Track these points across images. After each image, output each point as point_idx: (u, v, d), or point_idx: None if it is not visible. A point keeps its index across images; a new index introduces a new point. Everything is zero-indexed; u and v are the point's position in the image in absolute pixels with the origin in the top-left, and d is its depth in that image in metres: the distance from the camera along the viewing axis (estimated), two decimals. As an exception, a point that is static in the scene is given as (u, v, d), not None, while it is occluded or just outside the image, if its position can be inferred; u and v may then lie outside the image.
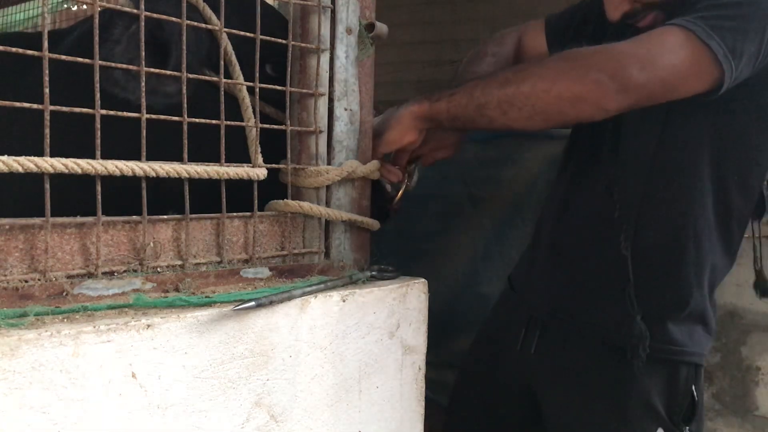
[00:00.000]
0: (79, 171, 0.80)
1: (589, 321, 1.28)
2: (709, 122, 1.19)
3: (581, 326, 1.29)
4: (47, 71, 0.77)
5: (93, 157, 0.82)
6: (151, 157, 0.87)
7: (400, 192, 1.28)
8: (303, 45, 1.08)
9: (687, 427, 1.23)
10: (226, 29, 0.98)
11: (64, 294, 0.81)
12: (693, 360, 1.25)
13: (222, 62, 0.97)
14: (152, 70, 0.89)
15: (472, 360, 1.54)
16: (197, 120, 0.93)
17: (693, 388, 1.23)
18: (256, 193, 1.00)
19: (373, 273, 1.12)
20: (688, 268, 1.23)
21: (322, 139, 1.11)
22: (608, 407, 1.26)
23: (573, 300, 1.31)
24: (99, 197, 0.83)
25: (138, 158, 0.86)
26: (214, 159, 0.95)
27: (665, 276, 1.24)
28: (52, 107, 0.78)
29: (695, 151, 1.21)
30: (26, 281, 0.78)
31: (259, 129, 1.02)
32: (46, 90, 0.77)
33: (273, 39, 1.01)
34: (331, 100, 1.11)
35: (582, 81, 1.06)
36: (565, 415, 1.31)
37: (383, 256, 1.21)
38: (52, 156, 0.78)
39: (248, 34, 0.99)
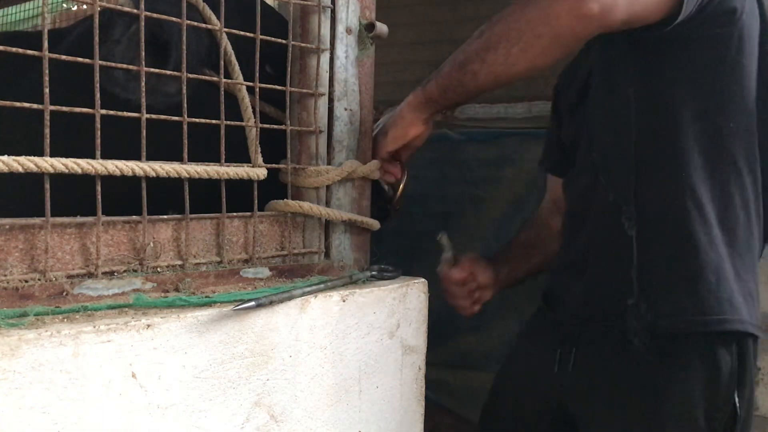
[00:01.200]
0: (79, 171, 0.80)
1: (609, 318, 1.23)
2: (681, 72, 1.17)
3: (605, 329, 1.24)
4: (47, 71, 0.77)
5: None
6: (154, 158, 0.88)
7: (400, 190, 1.28)
8: (303, 45, 1.08)
9: None
10: (226, 29, 0.98)
11: (64, 294, 0.81)
12: (735, 328, 1.14)
13: (222, 62, 0.97)
14: (152, 70, 0.89)
15: (504, 382, 1.49)
16: (197, 120, 0.93)
17: (735, 395, 1.14)
18: (256, 193, 1.00)
19: (373, 273, 1.12)
20: (696, 230, 1.16)
21: (322, 139, 1.11)
22: (646, 418, 1.18)
23: (594, 302, 1.27)
24: (99, 197, 0.83)
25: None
26: (226, 159, 0.96)
27: (676, 245, 1.18)
28: (52, 107, 0.78)
29: (675, 105, 1.18)
30: (26, 281, 0.78)
31: (259, 129, 1.02)
32: (46, 90, 0.77)
33: (273, 39, 1.01)
34: (331, 100, 1.11)
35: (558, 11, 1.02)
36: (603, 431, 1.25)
37: (383, 256, 1.21)
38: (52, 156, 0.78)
39: (248, 34, 0.99)
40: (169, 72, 0.93)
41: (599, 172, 1.26)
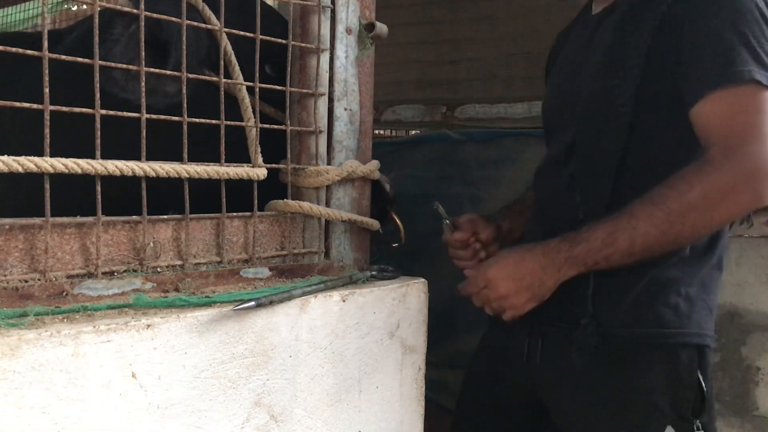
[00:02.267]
0: (79, 171, 0.80)
1: (569, 323, 1.24)
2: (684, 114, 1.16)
3: (567, 330, 1.25)
4: (47, 71, 0.77)
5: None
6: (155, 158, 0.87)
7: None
8: (303, 45, 1.08)
9: (698, 421, 1.17)
10: (225, 29, 0.98)
11: (64, 294, 0.81)
12: (693, 341, 1.19)
13: (222, 62, 0.97)
14: (152, 70, 0.89)
15: (477, 371, 1.50)
16: (197, 120, 0.93)
17: (699, 375, 1.18)
18: (256, 193, 1.00)
19: (373, 273, 1.12)
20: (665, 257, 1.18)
21: (322, 139, 1.11)
22: (613, 412, 1.22)
23: (555, 305, 1.29)
24: (99, 197, 0.83)
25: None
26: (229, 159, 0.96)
27: (638, 267, 1.19)
28: (52, 107, 0.78)
29: (672, 143, 1.18)
30: (26, 281, 0.78)
31: (259, 129, 1.02)
32: (46, 90, 0.77)
33: (273, 39, 1.01)
34: (331, 100, 1.11)
35: (732, 203, 1.07)
36: (574, 423, 1.28)
37: (383, 256, 1.21)
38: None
39: (248, 34, 0.99)
40: (168, 72, 0.93)
41: (575, 180, 1.25)
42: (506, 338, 1.40)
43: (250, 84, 1.00)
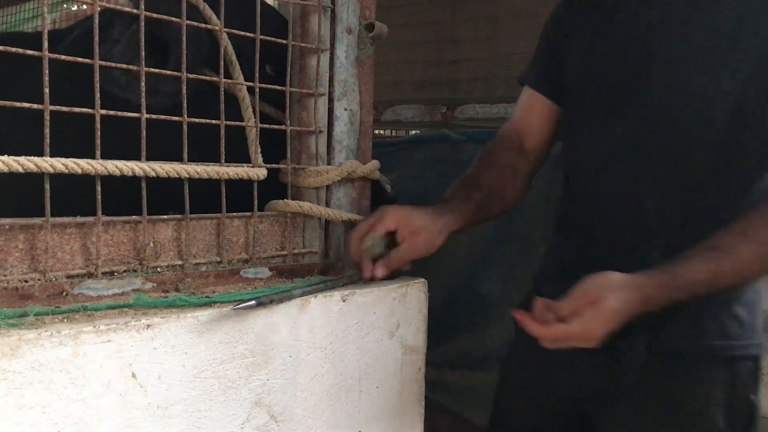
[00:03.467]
0: (79, 171, 0.80)
1: (619, 335, 1.13)
2: None
3: (617, 341, 1.14)
4: (47, 71, 0.77)
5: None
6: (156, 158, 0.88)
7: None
8: (303, 45, 1.08)
9: None
10: (226, 29, 0.98)
11: (64, 294, 0.81)
12: (753, 352, 1.16)
13: (222, 62, 0.98)
14: (152, 70, 0.89)
15: (513, 375, 1.42)
16: (197, 120, 0.93)
17: (751, 392, 1.14)
18: (256, 193, 1.01)
19: (373, 273, 1.12)
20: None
21: (322, 139, 1.11)
22: (665, 426, 1.17)
23: None
24: (99, 197, 0.83)
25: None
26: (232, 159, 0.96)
27: None
28: (52, 107, 0.78)
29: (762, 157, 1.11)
30: (26, 281, 0.78)
31: (259, 129, 1.02)
32: (46, 90, 0.77)
33: (273, 39, 1.01)
34: (331, 100, 1.11)
35: None
36: None
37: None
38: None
39: (248, 34, 0.99)
40: (169, 72, 0.93)
41: (645, 183, 1.15)
42: (539, 345, 1.33)
43: (251, 84, 1.01)
